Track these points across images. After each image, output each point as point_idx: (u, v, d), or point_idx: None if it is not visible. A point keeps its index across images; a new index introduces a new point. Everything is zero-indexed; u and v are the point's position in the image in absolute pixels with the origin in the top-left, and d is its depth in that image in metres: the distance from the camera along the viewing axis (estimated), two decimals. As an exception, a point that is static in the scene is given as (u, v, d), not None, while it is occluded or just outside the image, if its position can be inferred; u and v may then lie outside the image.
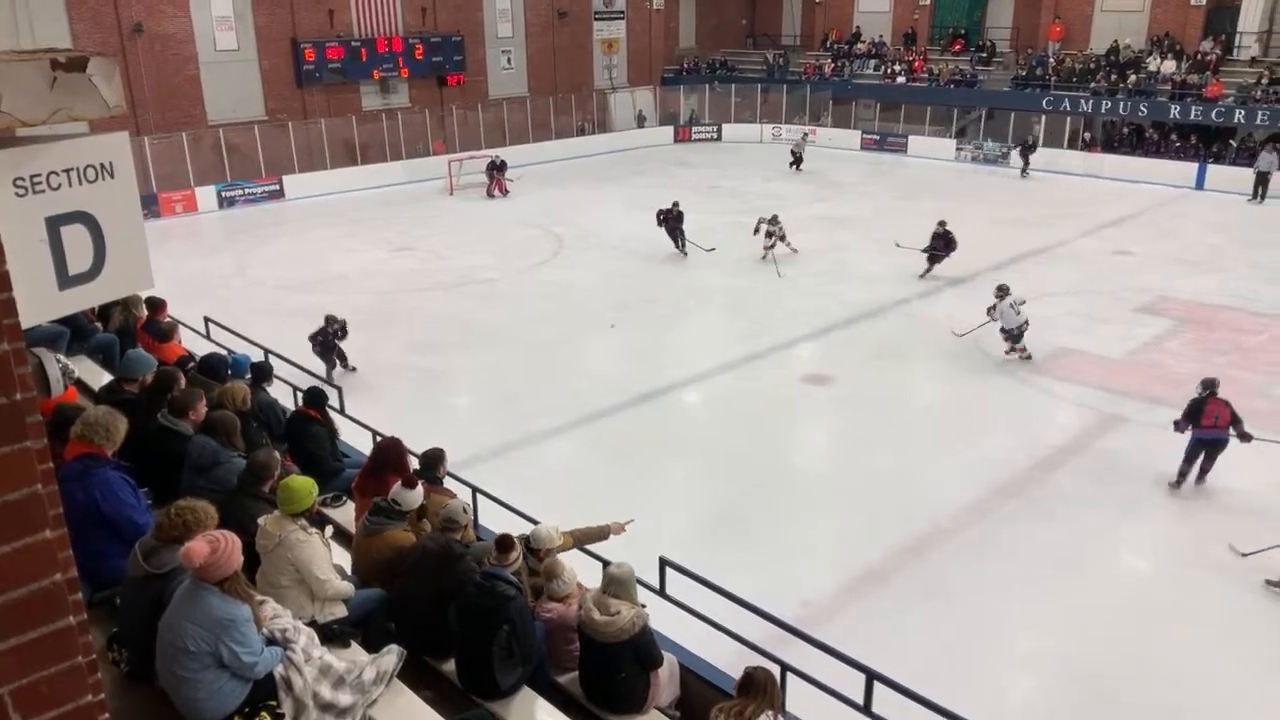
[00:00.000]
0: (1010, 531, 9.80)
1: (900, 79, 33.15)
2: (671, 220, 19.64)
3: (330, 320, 13.24)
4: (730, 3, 39.65)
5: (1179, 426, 10.29)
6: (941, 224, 17.85)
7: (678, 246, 19.82)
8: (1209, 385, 10.34)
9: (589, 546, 6.18)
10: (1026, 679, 7.91)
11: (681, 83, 36.79)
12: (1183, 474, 10.55)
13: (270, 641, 4.09)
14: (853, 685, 5.32)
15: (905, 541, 9.58)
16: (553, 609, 5.11)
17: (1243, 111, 26.32)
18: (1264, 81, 26.61)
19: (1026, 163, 28.36)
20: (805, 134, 30.75)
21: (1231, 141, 27.14)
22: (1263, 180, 24.62)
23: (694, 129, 35.63)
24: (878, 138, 32.82)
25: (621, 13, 35.76)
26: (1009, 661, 8.01)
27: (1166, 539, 9.86)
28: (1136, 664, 7.81)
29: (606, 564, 5.29)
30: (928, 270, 17.96)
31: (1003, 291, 13.72)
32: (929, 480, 10.82)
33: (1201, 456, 10.42)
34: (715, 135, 35.48)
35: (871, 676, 5.26)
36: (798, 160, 29.34)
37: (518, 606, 4.76)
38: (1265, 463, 11.12)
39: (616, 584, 4.94)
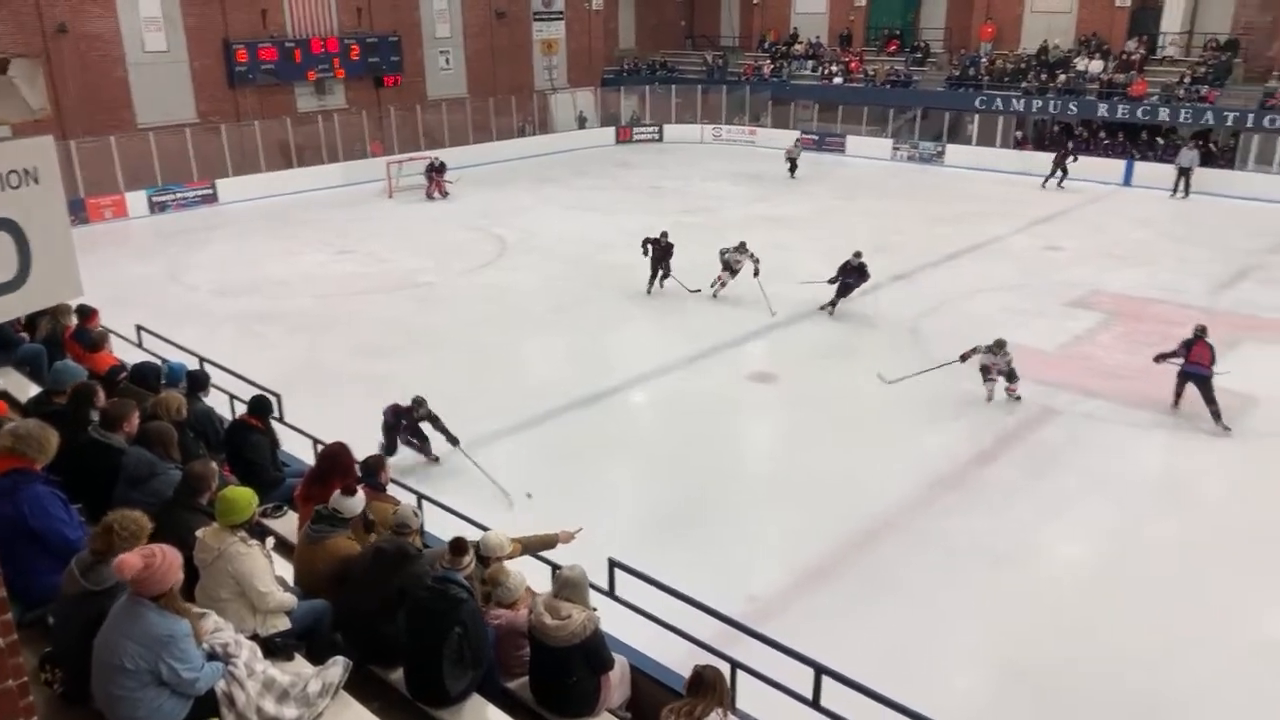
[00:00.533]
0: (952, 524, 9.98)
1: (837, 79, 33.58)
2: (659, 251, 17.26)
3: (418, 404, 10.93)
4: (669, 4, 39.79)
5: (1159, 359, 12.40)
6: (857, 255, 16.22)
7: (653, 282, 17.50)
8: (1200, 330, 12.38)
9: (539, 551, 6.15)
10: (971, 668, 8.06)
11: (622, 83, 36.81)
12: (1178, 395, 12.51)
13: (211, 656, 4.00)
14: (802, 680, 5.37)
15: (850, 536, 9.71)
16: (501, 615, 5.07)
17: (1167, 110, 27.16)
18: (1186, 80, 27.50)
19: (1066, 172, 26.40)
20: (797, 140, 30.03)
21: (1159, 139, 27.97)
22: (1184, 175, 25.45)
23: (635, 130, 35.69)
24: (816, 137, 33.18)
25: (561, 13, 35.65)
26: (954, 651, 8.15)
27: (1102, 527, 10.09)
28: (1077, 649, 8.00)
29: (557, 568, 5.27)
30: (834, 304, 16.33)
31: (999, 346, 12.52)
32: (872, 475, 10.97)
33: (1188, 388, 12.28)
34: (657, 136, 35.57)
35: (820, 671, 5.31)
36: (793, 166, 28.73)
37: (470, 609, 4.71)
38: (1192, 462, 11.53)
39: (569, 587, 4.92)
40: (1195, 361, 12.17)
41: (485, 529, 5.97)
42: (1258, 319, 15.77)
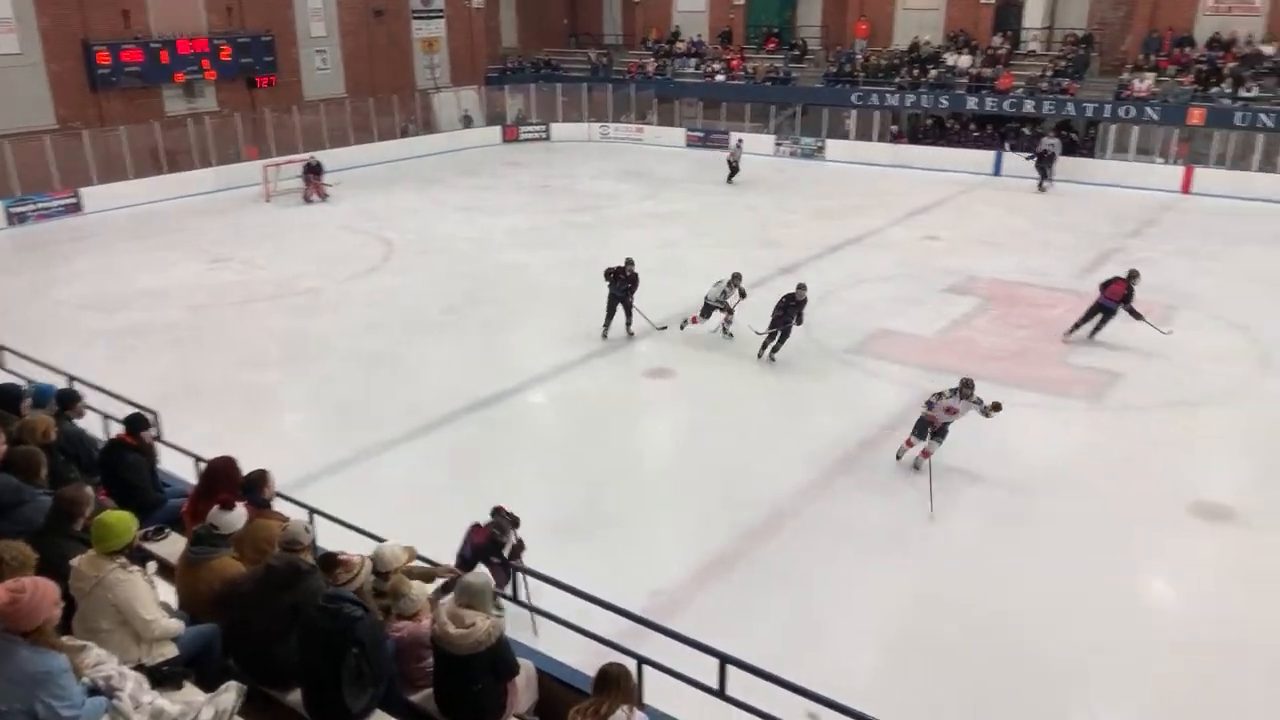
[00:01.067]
0: (845, 509, 10.27)
1: (720, 77, 34.06)
2: (623, 283, 14.87)
3: (500, 514, 7.85)
4: (551, 2, 39.62)
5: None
6: (801, 287, 13.95)
7: (609, 322, 15.08)
8: (1131, 273, 14.44)
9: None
10: (871, 648, 8.30)
11: (506, 82, 36.49)
12: (1076, 326, 14.68)
13: (93, 691, 3.81)
14: (707, 671, 5.43)
15: (748, 526, 9.87)
16: (403, 627, 4.98)
17: (1032, 102, 28.48)
18: (1048, 74, 28.90)
19: (1044, 175, 26.28)
20: (739, 141, 28.98)
21: (1025, 130, 29.31)
22: (1049, 165, 26.74)
23: (522, 129, 35.44)
24: (702, 134, 33.59)
25: (440, 11, 35.11)
26: (853, 632, 8.39)
27: (987, 504, 10.48)
28: (971, 623, 8.34)
29: (461, 576, 5.20)
30: (767, 349, 14.11)
31: (969, 387, 10.63)
32: (768, 465, 11.18)
33: (1097, 318, 14.48)
34: (544, 135, 35.41)
35: (724, 660, 5.39)
36: (734, 170, 27.62)
37: (366, 626, 4.61)
38: (1066, 436, 12.11)
39: (471, 595, 4.86)
40: (1109, 296, 14.36)
41: (380, 540, 5.84)
42: (1119, 299, 16.66)
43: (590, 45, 38.98)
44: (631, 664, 5.02)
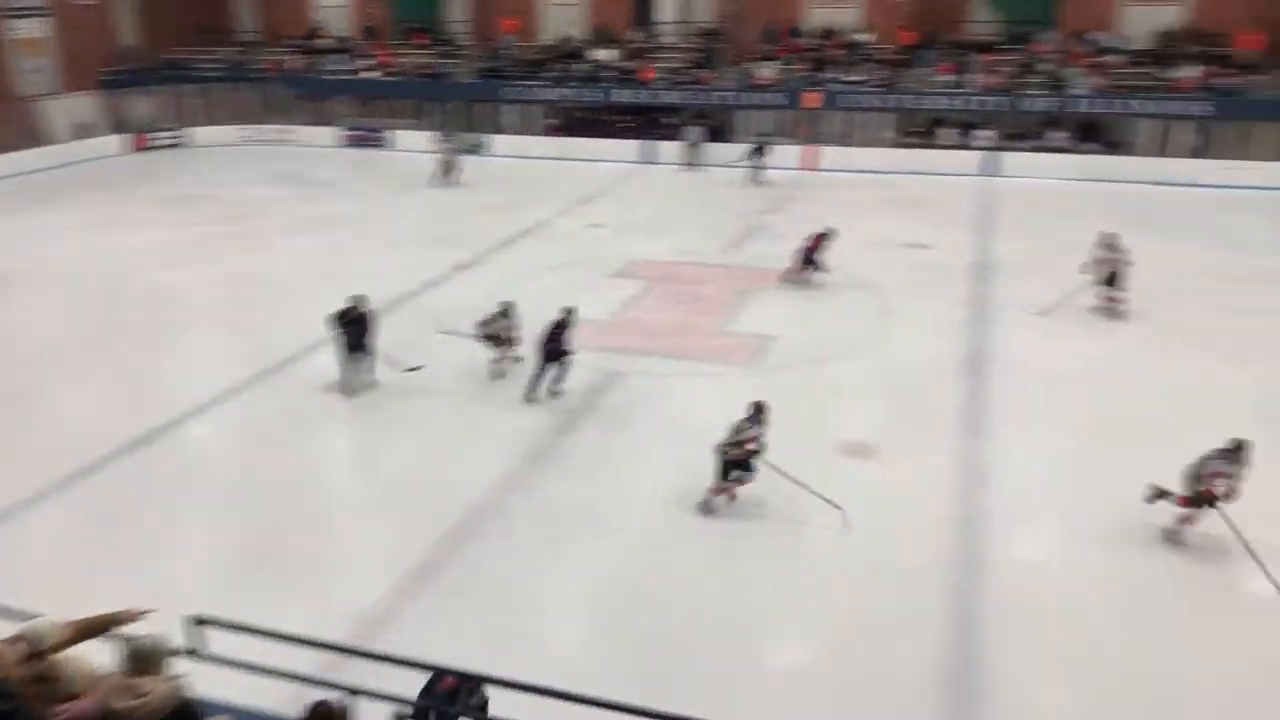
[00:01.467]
0: (541, 496, 10.49)
1: (370, 74, 33.05)
2: (355, 328, 12.85)
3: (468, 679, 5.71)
4: (174, -4, 36.25)
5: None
6: (569, 311, 12.88)
7: (347, 372, 13.07)
8: (829, 229, 17.67)
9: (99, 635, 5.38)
10: (585, 632, 8.56)
11: (129, 85, 32.96)
12: (799, 271, 17.56)
13: None
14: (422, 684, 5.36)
15: (449, 530, 9.80)
16: (65, 710, 4.42)
17: (673, 93, 30.35)
18: (684, 66, 30.95)
19: (760, 168, 26.69)
20: (447, 137, 27.40)
21: (671, 120, 31.15)
22: (693, 151, 28.73)
23: (153, 135, 32.26)
24: (359, 133, 32.48)
25: (42, 9, 30.98)
26: (567, 617, 8.62)
27: (677, 468, 10.90)
28: (669, 594, 8.85)
29: (127, 640, 4.70)
30: (559, 380, 12.89)
31: (762, 411, 10.28)
32: (462, 466, 11.14)
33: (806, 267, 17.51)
34: (181, 141, 32.51)
35: (438, 672, 5.33)
36: (447, 170, 26.40)
37: (23, 718, 4.05)
38: (731, 400, 13.11)
39: (140, 660, 4.42)
40: (810, 248, 17.50)
41: (34, 617, 5.13)
42: (764, 269, 18.31)
43: (224, 43, 36.19)
44: (346, 696, 4.84)
